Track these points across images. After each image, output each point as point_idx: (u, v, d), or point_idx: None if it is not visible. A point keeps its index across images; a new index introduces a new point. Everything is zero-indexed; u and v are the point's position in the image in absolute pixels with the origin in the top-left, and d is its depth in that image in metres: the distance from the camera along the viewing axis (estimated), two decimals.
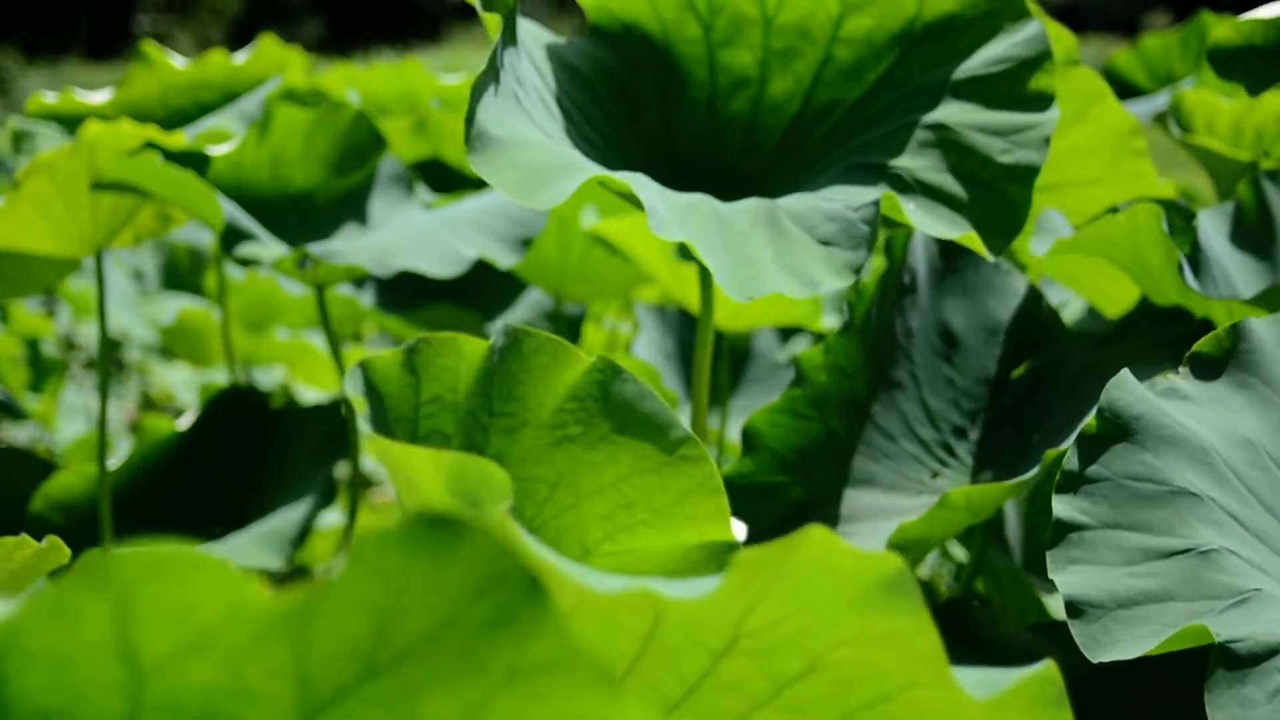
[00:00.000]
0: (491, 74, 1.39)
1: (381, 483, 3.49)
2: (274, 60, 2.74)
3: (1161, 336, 1.63)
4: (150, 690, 0.55)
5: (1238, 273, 1.80)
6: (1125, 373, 1.24)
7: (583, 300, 2.99)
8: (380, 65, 3.96)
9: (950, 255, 1.76)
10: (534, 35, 1.63)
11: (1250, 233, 1.87)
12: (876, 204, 1.42)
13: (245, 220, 2.06)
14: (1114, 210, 1.75)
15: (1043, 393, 1.67)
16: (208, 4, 25.12)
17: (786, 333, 3.21)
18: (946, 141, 1.51)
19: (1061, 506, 1.18)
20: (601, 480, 1.14)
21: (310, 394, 3.75)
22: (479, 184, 2.95)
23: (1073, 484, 1.19)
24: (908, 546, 1.48)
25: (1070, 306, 2.21)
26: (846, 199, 1.47)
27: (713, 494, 1.14)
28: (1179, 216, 1.73)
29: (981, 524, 1.66)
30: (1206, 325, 1.60)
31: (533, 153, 1.38)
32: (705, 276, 1.59)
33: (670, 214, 1.39)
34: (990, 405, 1.70)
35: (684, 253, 2.47)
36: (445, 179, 3.24)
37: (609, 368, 1.15)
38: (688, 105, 1.69)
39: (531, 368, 1.16)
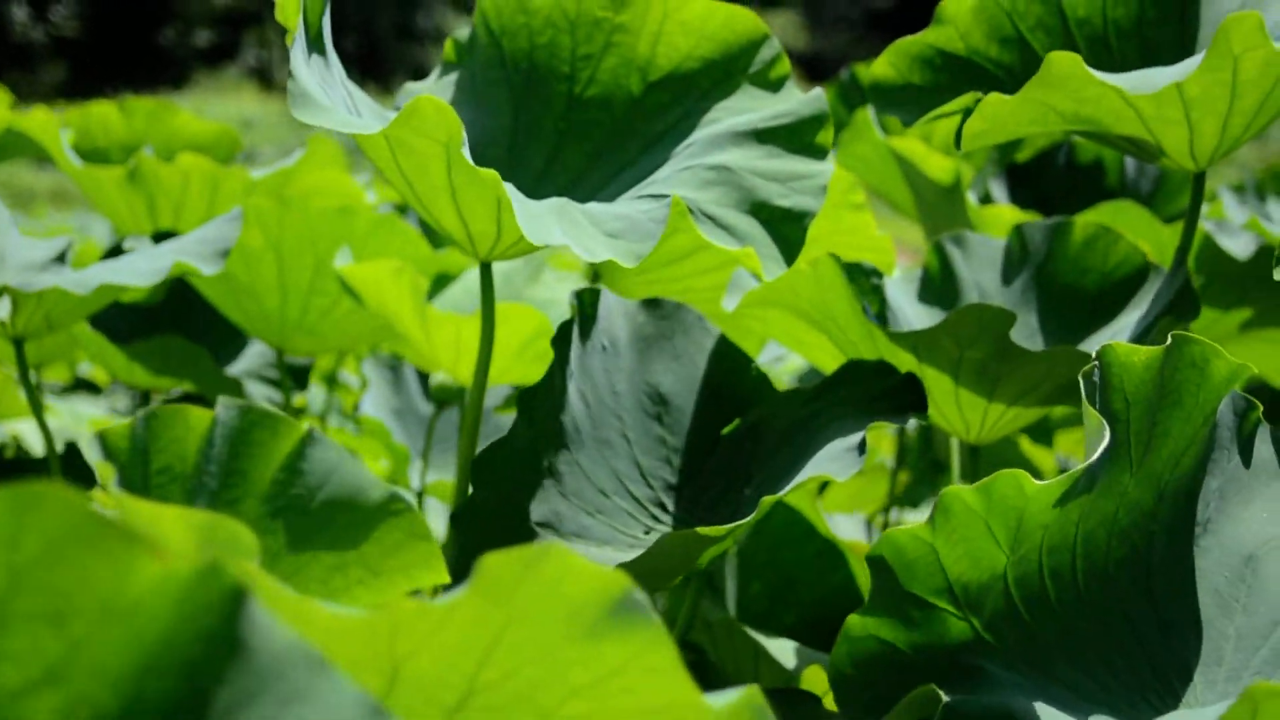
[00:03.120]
0: (303, 50, 1.54)
1: None
2: None
3: (869, 390, 1.71)
4: None
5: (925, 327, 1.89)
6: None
7: (309, 355, 2.96)
8: (100, 106, 3.89)
9: (659, 321, 1.84)
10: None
11: (937, 292, 1.98)
12: (665, 207, 1.56)
13: None
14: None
15: (754, 448, 1.74)
16: None
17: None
18: (730, 181, 1.65)
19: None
20: (316, 545, 1.19)
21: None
22: None
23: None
24: None
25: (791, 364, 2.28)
26: (637, 207, 1.61)
27: (421, 541, 1.20)
28: (863, 275, 1.81)
29: (696, 573, 1.70)
30: (912, 379, 1.70)
31: (343, 114, 1.52)
32: (487, 323, 1.70)
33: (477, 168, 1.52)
34: (703, 462, 1.77)
35: (437, 286, 2.46)
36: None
37: (313, 437, 1.20)
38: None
39: (250, 441, 1.24)
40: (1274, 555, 1.30)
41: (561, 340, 1.71)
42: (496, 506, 1.62)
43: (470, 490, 1.64)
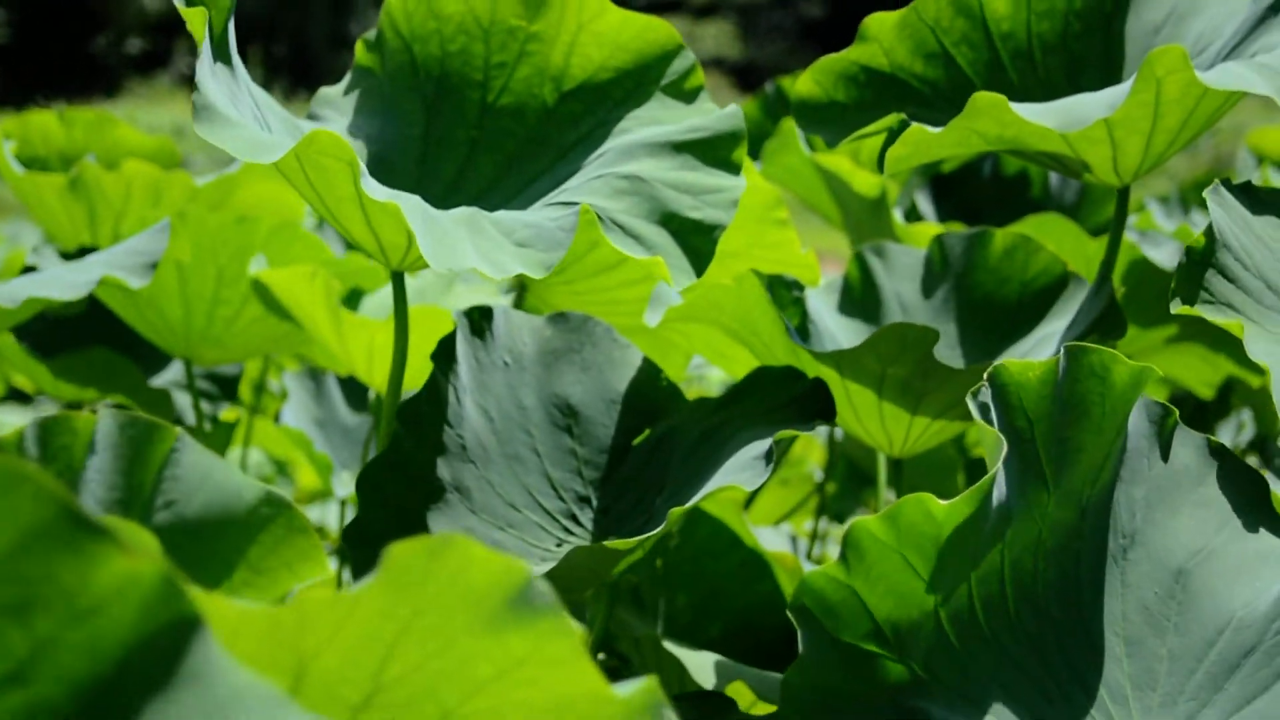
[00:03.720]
0: (209, 61, 1.53)
1: None
2: None
3: (777, 398, 1.71)
4: None
5: (847, 340, 1.90)
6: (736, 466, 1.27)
7: (217, 364, 2.93)
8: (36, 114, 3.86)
9: (567, 334, 1.84)
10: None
11: (858, 304, 1.99)
12: (574, 215, 1.56)
13: None
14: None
15: (664, 457, 1.74)
16: None
17: None
18: (642, 191, 1.66)
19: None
20: (201, 548, 1.22)
21: None
22: None
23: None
24: None
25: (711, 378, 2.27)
26: (546, 215, 1.62)
27: (301, 536, 1.24)
28: (785, 288, 1.81)
29: (609, 585, 1.69)
30: (819, 385, 1.70)
31: (249, 130, 1.50)
32: (401, 333, 1.70)
33: (379, 187, 1.51)
34: (614, 473, 1.77)
35: (353, 301, 2.45)
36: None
37: (184, 442, 1.21)
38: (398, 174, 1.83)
39: (128, 447, 1.27)
40: (1203, 568, 1.29)
41: (444, 356, 1.71)
42: (390, 525, 1.62)
43: (358, 509, 1.63)
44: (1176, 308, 1.53)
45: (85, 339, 2.93)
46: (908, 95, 1.92)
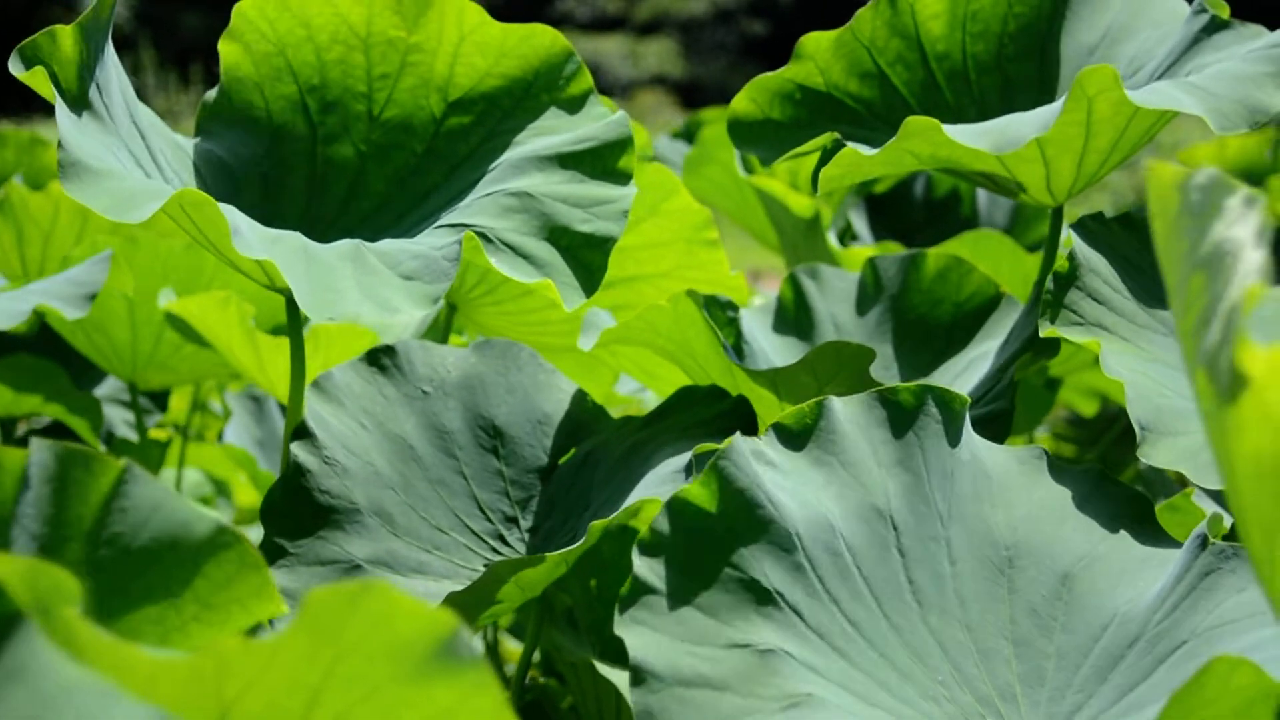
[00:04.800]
0: (68, 116, 1.49)
1: None
2: None
3: (701, 415, 1.72)
4: None
5: (781, 360, 1.90)
6: (737, 437, 1.27)
7: (164, 388, 2.91)
8: None
9: (493, 360, 1.85)
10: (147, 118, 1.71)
11: (792, 324, 1.99)
12: (459, 243, 1.55)
13: None
14: None
15: (589, 475, 1.75)
16: None
17: None
18: (531, 208, 1.65)
19: (641, 564, 1.17)
20: (146, 583, 1.16)
21: None
22: None
23: (656, 545, 1.19)
24: (457, 612, 1.49)
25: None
26: (432, 242, 1.60)
27: (254, 571, 1.18)
28: (720, 308, 1.81)
29: (538, 603, 1.70)
30: (743, 402, 1.71)
31: (122, 181, 1.46)
32: (297, 355, 1.68)
33: (255, 237, 1.48)
34: (541, 492, 1.78)
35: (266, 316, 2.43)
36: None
37: (132, 473, 1.17)
38: (288, 192, 1.81)
39: (67, 481, 1.19)
40: (1089, 571, 1.32)
41: (343, 381, 1.73)
42: (302, 549, 1.61)
43: (264, 535, 1.62)
44: (1044, 330, 1.61)
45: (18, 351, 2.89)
46: (843, 114, 1.92)
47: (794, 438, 1.33)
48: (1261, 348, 0.67)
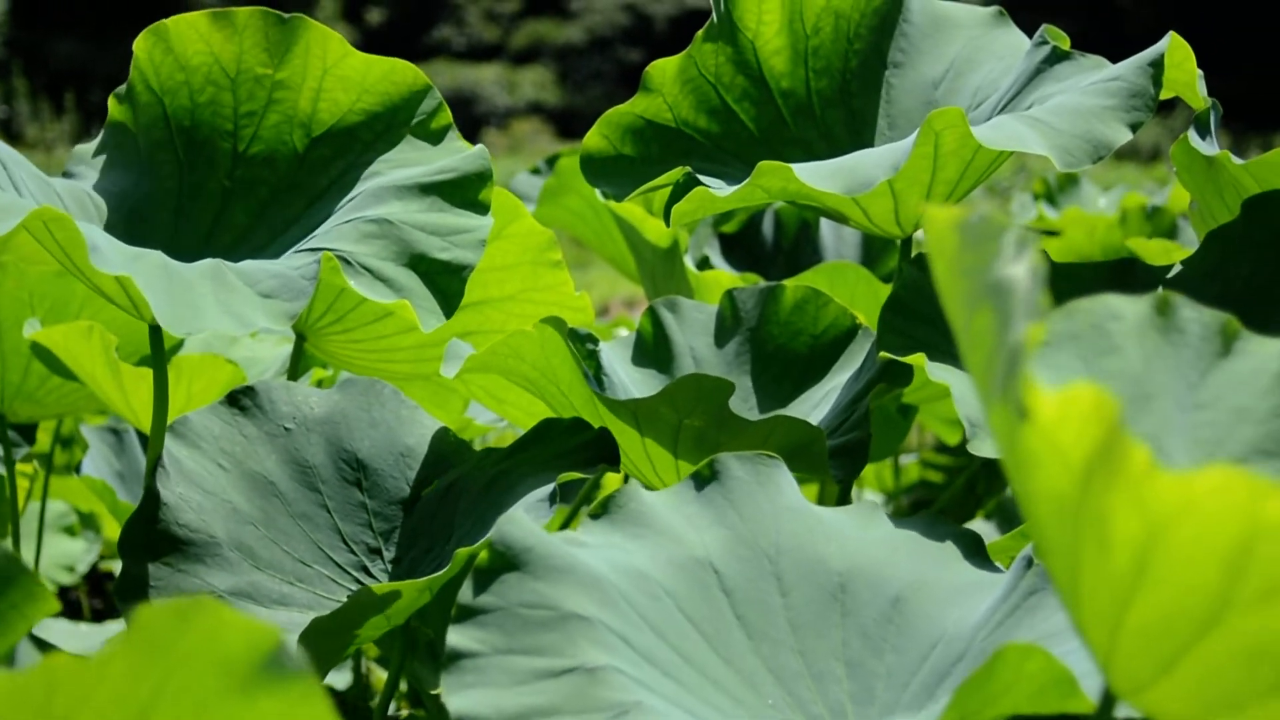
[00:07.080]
0: None
1: None
2: None
3: (563, 446, 1.74)
4: None
5: (640, 391, 1.92)
6: (517, 508, 1.29)
7: (34, 421, 2.86)
8: None
9: (356, 396, 1.86)
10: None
11: (651, 356, 2.01)
12: (317, 263, 1.59)
13: None
14: None
15: (452, 505, 1.76)
16: None
17: None
18: (390, 234, 1.69)
19: (456, 637, 1.17)
20: None
21: None
22: None
23: (468, 614, 1.19)
24: (320, 641, 1.52)
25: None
26: (291, 263, 1.63)
27: (21, 574, 1.20)
28: (579, 340, 1.83)
29: (402, 634, 1.71)
30: (605, 434, 1.73)
31: None
32: (160, 384, 1.71)
33: (114, 254, 1.50)
34: (404, 524, 1.79)
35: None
36: None
37: None
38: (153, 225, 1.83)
39: None
40: (919, 594, 1.35)
41: (200, 424, 1.74)
42: (162, 582, 1.62)
43: (122, 568, 1.62)
44: (880, 354, 1.71)
45: None
46: (693, 149, 1.95)
47: (598, 517, 1.34)
48: (1048, 390, 0.69)
